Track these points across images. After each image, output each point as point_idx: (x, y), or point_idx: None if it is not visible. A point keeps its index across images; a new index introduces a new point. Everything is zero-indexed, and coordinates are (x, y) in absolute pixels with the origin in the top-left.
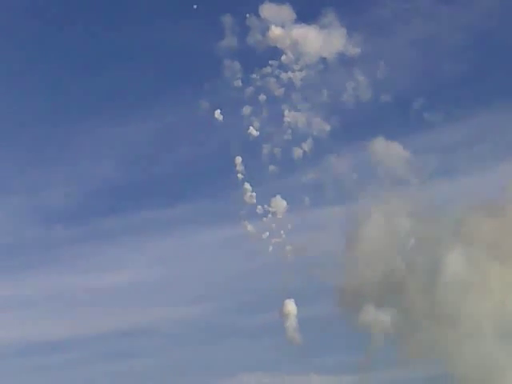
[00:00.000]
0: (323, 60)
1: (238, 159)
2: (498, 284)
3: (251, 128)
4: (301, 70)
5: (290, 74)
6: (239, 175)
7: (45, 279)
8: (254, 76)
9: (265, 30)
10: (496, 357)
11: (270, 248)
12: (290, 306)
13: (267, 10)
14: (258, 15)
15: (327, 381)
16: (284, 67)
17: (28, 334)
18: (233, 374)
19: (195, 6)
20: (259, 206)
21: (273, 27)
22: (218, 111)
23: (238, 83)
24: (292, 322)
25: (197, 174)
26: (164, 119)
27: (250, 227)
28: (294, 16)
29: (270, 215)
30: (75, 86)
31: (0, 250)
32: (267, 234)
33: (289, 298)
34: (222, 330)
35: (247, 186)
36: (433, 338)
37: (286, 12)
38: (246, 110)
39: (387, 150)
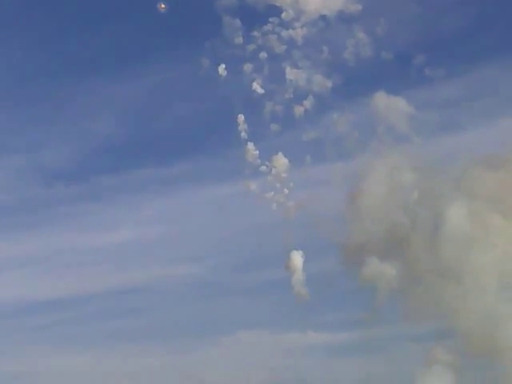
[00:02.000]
0: (323, 17)
1: (241, 117)
2: (501, 237)
3: (255, 85)
4: (301, 28)
5: (290, 31)
6: (242, 134)
7: (44, 238)
8: (254, 33)
9: None
10: (499, 310)
11: (273, 205)
12: (297, 258)
13: None
14: None
15: (329, 338)
16: (284, 24)
17: (27, 293)
18: (231, 332)
19: None
20: (261, 164)
21: None
22: (223, 66)
23: (239, 40)
24: (299, 276)
25: (196, 132)
26: (164, 76)
27: (251, 185)
28: None
29: (271, 173)
30: (74, 43)
31: (0, 208)
32: (269, 191)
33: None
34: (221, 288)
35: (250, 143)
36: (436, 292)
37: None
38: (248, 67)
39: (389, 105)
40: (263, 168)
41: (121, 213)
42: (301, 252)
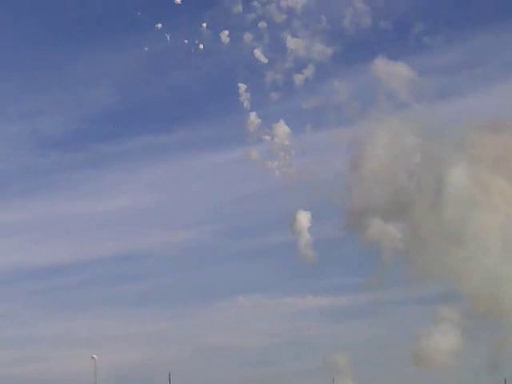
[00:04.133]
0: None
1: (242, 86)
2: (502, 199)
3: (258, 52)
4: None
5: (289, 1)
6: (245, 103)
7: (42, 205)
8: (253, 3)
9: None
10: (502, 271)
11: (276, 172)
12: (304, 219)
13: None
14: None
15: (334, 301)
16: None
17: (26, 259)
18: (229, 296)
19: None
20: (262, 132)
21: None
22: (226, 33)
23: (239, 9)
24: (305, 237)
25: (195, 100)
26: (161, 44)
27: (253, 152)
28: None
29: (273, 140)
30: (72, 11)
31: None
32: (271, 158)
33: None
34: (221, 253)
35: (252, 113)
36: (440, 254)
37: None
38: (248, 36)
39: (389, 71)
40: (264, 136)
41: (119, 180)
42: (308, 213)
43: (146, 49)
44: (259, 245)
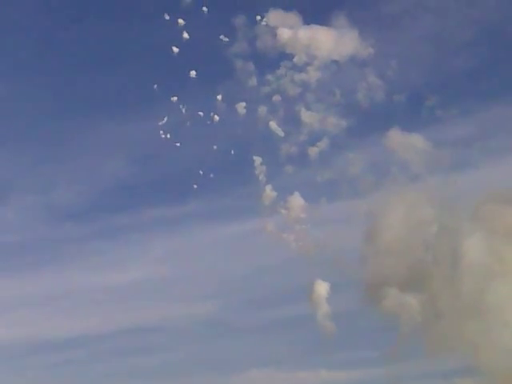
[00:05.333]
0: (335, 62)
1: (258, 159)
2: None
3: (273, 125)
4: (314, 71)
5: (303, 74)
6: (261, 176)
7: (55, 277)
8: (268, 77)
9: (274, 34)
10: None
11: (291, 244)
12: (322, 288)
13: (275, 17)
14: (266, 20)
15: (348, 375)
16: (297, 68)
17: (38, 332)
18: (243, 370)
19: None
20: (277, 204)
21: (282, 30)
22: (243, 104)
23: (253, 83)
24: (324, 308)
25: (208, 171)
26: (175, 118)
27: (268, 224)
28: (302, 21)
29: (288, 213)
30: (84, 84)
31: (11, 248)
32: (286, 230)
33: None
34: (233, 326)
35: (268, 186)
36: (458, 327)
37: (294, 18)
38: (262, 109)
39: (403, 142)
40: (280, 209)
41: (131, 251)
42: (327, 283)
43: (162, 122)
44: (274, 317)
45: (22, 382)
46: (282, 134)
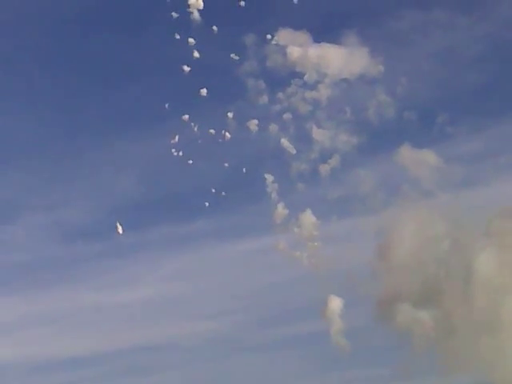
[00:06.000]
0: (346, 79)
1: (270, 177)
2: None
3: (286, 142)
4: (325, 89)
5: (314, 92)
6: (273, 195)
7: (66, 295)
8: (278, 95)
9: (284, 52)
10: None
11: (303, 262)
12: (335, 304)
13: (285, 35)
14: (276, 39)
15: None
16: (308, 86)
17: (50, 351)
18: None
19: (215, 28)
20: (289, 222)
21: (292, 48)
22: (255, 122)
23: (264, 101)
24: (337, 324)
25: (220, 189)
26: (186, 135)
27: (280, 241)
28: (312, 39)
29: (300, 230)
30: (96, 102)
31: (21, 266)
32: (298, 247)
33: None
34: (246, 344)
35: (280, 204)
36: (471, 344)
37: (304, 36)
38: (273, 127)
39: (414, 158)
40: (291, 226)
41: (142, 269)
42: (340, 299)
43: (174, 140)
44: (286, 334)
45: None
46: (293, 151)
